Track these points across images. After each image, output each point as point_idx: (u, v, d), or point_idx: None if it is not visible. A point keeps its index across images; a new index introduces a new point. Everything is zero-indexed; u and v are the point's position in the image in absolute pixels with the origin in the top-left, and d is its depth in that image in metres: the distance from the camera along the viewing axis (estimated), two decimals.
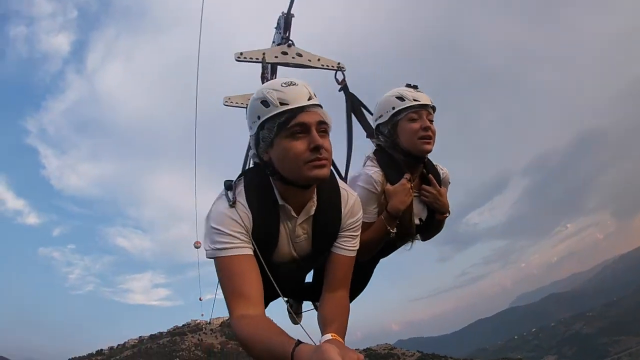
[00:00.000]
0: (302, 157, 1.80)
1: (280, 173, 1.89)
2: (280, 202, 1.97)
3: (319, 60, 4.47)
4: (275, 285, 1.96)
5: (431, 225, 2.87)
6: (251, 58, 4.32)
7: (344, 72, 4.29)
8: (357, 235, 2.20)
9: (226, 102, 5.26)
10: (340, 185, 2.15)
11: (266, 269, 1.92)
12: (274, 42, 4.73)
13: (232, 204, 1.89)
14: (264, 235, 1.95)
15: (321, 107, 1.88)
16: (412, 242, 2.90)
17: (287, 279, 2.21)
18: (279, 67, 4.59)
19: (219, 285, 1.80)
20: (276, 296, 2.58)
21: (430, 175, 2.76)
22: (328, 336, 1.82)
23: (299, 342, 1.43)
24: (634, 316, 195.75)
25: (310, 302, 3.08)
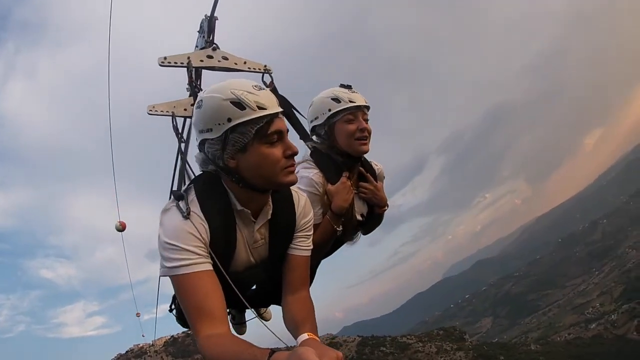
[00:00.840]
0: (279, 164, 1.80)
1: (246, 179, 1.84)
2: (239, 207, 1.91)
3: (245, 63, 4.23)
4: (241, 297, 1.91)
5: (372, 219, 3.00)
6: (176, 62, 4.00)
7: (272, 75, 4.12)
8: (310, 235, 2.21)
9: (150, 110, 4.52)
10: None
11: (229, 280, 1.86)
12: (197, 46, 4.36)
13: (187, 215, 1.78)
14: (222, 244, 1.88)
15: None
16: (357, 237, 3.03)
17: (245, 287, 2.18)
18: (204, 71, 4.26)
19: (174, 302, 1.78)
20: (237, 307, 2.70)
21: (366, 173, 2.87)
22: (305, 336, 1.77)
23: (272, 352, 1.39)
24: (556, 271, 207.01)
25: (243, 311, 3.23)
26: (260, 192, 1.90)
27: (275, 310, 2.90)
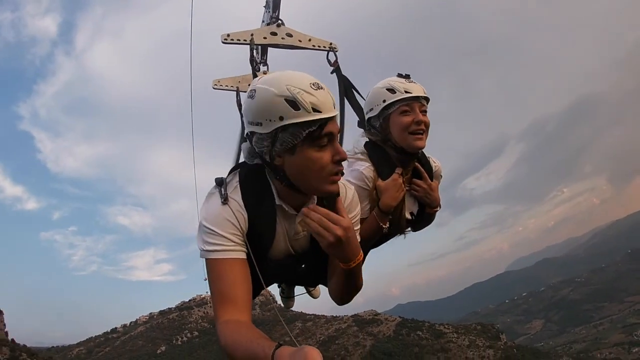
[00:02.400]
0: (326, 169, 1.70)
1: (290, 179, 1.76)
2: (278, 202, 1.87)
3: (310, 40, 4.16)
4: (263, 283, 1.91)
5: (422, 219, 2.86)
6: (239, 40, 3.99)
7: (336, 53, 4.06)
8: (357, 229, 2.11)
9: (215, 85, 4.90)
10: None
11: (257, 268, 1.83)
12: (263, 21, 4.50)
13: (225, 200, 1.78)
14: (259, 235, 1.86)
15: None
16: (405, 234, 2.88)
17: (284, 272, 2.26)
18: (269, 48, 4.37)
19: (209, 285, 1.74)
20: (287, 282, 2.85)
21: (421, 169, 2.72)
22: None
23: (279, 345, 1.39)
24: (618, 284, 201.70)
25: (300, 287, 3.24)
26: (302, 193, 1.82)
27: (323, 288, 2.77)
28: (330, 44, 4.14)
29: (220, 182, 1.87)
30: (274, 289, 2.63)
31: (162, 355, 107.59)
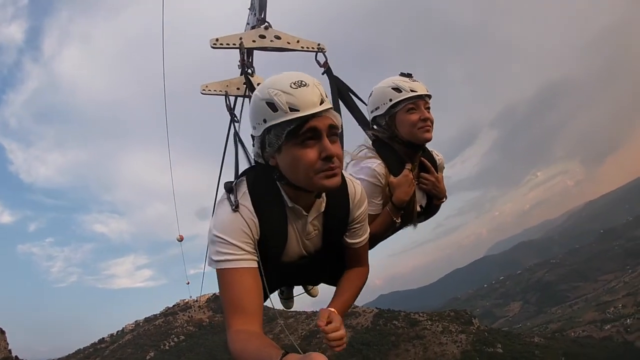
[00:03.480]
0: (313, 167, 1.68)
1: (288, 179, 1.79)
2: (290, 204, 1.87)
3: (298, 42, 4.15)
4: (267, 290, 1.88)
5: (430, 210, 2.97)
6: (228, 44, 4.01)
7: (325, 54, 4.07)
8: (365, 223, 2.18)
9: (203, 90, 4.81)
10: (345, 176, 2.03)
11: (263, 278, 1.82)
12: (248, 23, 4.44)
13: (235, 208, 1.78)
14: (272, 239, 1.88)
15: (332, 108, 1.75)
16: (415, 225, 2.97)
17: (297, 274, 2.27)
18: (255, 51, 4.30)
19: (219, 295, 1.77)
20: (279, 287, 2.80)
21: (428, 163, 2.83)
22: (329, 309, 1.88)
23: (285, 353, 1.40)
24: (591, 264, 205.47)
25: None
26: (305, 191, 1.82)
27: (322, 288, 3.02)
28: (318, 44, 4.13)
29: (229, 189, 1.85)
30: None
31: None
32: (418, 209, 2.83)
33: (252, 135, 1.84)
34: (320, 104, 1.68)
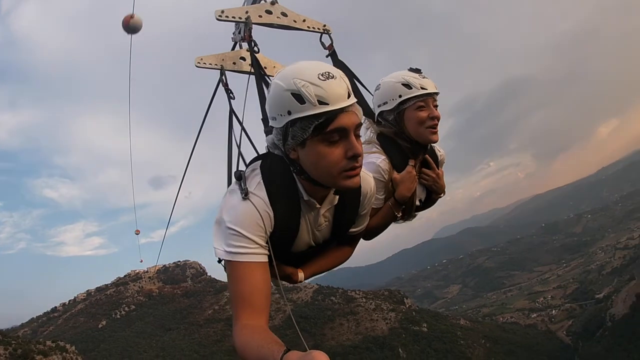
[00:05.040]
0: (338, 166, 1.66)
1: (308, 173, 1.74)
2: (306, 197, 1.84)
3: (304, 21, 3.93)
4: (279, 285, 1.95)
5: (427, 204, 2.99)
6: (234, 17, 3.71)
7: (331, 36, 3.89)
8: (368, 214, 2.22)
9: (198, 63, 4.46)
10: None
11: (275, 267, 1.79)
12: None
13: (245, 196, 1.73)
14: (284, 232, 1.84)
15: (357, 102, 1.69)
16: (412, 218, 2.95)
17: (298, 261, 2.21)
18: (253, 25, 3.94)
19: (228, 285, 1.76)
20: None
21: (430, 159, 2.83)
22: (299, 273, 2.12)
23: (287, 350, 1.39)
24: (529, 254, 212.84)
25: None
26: (322, 186, 1.80)
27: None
28: (324, 25, 3.95)
29: (239, 177, 1.81)
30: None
31: (104, 329, 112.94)
32: (417, 203, 2.85)
33: (269, 125, 1.78)
34: (348, 97, 1.63)
